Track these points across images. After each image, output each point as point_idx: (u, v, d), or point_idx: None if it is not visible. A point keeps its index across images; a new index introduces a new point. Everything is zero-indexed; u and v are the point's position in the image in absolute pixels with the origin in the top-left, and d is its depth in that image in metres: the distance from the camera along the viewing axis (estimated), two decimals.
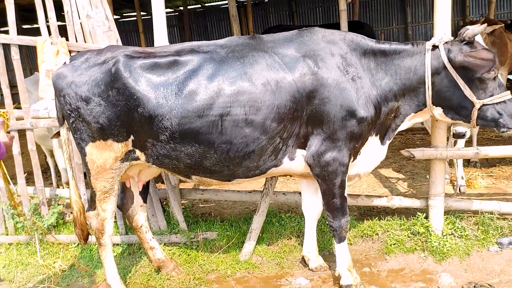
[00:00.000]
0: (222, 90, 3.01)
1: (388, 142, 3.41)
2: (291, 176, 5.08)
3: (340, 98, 3.05)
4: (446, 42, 3.14)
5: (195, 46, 3.23)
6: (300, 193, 4.33)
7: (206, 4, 15.62)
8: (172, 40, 12.78)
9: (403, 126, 3.38)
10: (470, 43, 3.08)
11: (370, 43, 3.21)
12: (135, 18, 13.29)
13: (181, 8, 15.07)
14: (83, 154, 3.36)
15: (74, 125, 3.27)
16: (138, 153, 3.29)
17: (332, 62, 3.10)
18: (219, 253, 4.12)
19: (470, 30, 3.06)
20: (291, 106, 3.04)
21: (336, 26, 5.16)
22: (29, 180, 5.77)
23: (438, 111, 3.25)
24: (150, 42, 15.18)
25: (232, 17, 7.66)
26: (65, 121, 3.43)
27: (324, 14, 15.06)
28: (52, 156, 5.98)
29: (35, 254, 4.35)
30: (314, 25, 10.19)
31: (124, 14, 15.65)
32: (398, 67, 3.19)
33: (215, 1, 15.42)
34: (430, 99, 3.18)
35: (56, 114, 3.51)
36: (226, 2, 15.64)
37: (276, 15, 15.51)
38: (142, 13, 12.82)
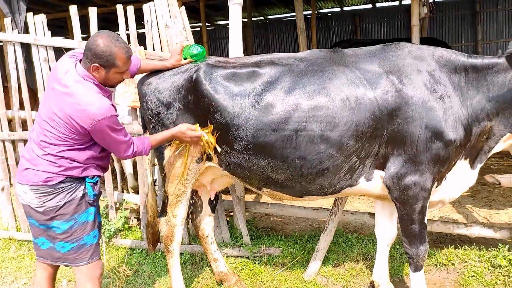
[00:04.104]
0: (299, 104, 2.93)
1: (479, 166, 3.16)
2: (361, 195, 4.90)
3: (425, 118, 2.86)
4: None
5: (274, 59, 3.19)
6: (369, 214, 4.17)
7: (269, 17, 15.73)
8: None
9: (498, 148, 3.12)
10: None
11: (462, 58, 3.00)
12: (198, 29, 13.60)
13: (245, 20, 15.26)
14: (161, 158, 3.40)
15: (154, 130, 3.33)
16: (212, 154, 3.27)
17: (419, 79, 2.92)
18: (283, 270, 4.00)
19: None
20: (370, 124, 2.89)
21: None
22: None
23: None
24: (213, 51, 15.52)
25: (299, 30, 7.61)
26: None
27: (389, 30, 14.67)
28: (119, 160, 6.13)
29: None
30: (381, 40, 9.94)
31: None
32: (491, 83, 2.95)
33: (278, 14, 15.50)
34: None
35: (142, 120, 3.59)
36: (289, 15, 15.77)
37: (339, 29, 15.32)
38: (206, 24, 13.08)
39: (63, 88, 2.53)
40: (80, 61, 2.66)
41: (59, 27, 12.35)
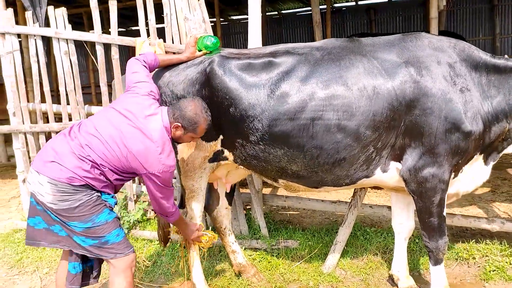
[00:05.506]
0: (315, 93, 2.92)
1: (492, 163, 3.16)
2: (379, 188, 4.88)
3: (445, 109, 2.83)
4: None
5: (290, 48, 3.17)
6: (387, 207, 4.15)
7: (283, 12, 15.67)
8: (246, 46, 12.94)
9: (510, 150, 3.11)
10: None
11: (484, 56, 2.97)
12: (213, 24, 13.62)
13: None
14: (175, 152, 3.41)
15: None
16: (226, 153, 3.30)
17: (438, 71, 2.89)
18: (301, 262, 4.01)
19: None
20: (388, 114, 2.87)
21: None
22: None
23: None
24: (227, 46, 15.45)
25: (315, 23, 7.58)
26: None
27: (405, 23, 14.51)
28: None
29: None
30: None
31: None
32: None
33: (292, 9, 15.43)
34: None
35: None
36: (303, 9, 15.69)
37: (354, 23, 15.20)
38: (220, 19, 13.10)
39: (141, 125, 2.68)
40: (157, 100, 2.89)
41: (75, 23, 12.47)
